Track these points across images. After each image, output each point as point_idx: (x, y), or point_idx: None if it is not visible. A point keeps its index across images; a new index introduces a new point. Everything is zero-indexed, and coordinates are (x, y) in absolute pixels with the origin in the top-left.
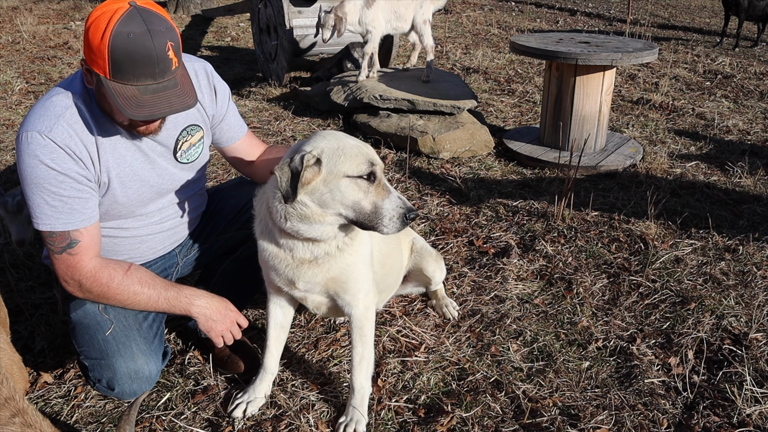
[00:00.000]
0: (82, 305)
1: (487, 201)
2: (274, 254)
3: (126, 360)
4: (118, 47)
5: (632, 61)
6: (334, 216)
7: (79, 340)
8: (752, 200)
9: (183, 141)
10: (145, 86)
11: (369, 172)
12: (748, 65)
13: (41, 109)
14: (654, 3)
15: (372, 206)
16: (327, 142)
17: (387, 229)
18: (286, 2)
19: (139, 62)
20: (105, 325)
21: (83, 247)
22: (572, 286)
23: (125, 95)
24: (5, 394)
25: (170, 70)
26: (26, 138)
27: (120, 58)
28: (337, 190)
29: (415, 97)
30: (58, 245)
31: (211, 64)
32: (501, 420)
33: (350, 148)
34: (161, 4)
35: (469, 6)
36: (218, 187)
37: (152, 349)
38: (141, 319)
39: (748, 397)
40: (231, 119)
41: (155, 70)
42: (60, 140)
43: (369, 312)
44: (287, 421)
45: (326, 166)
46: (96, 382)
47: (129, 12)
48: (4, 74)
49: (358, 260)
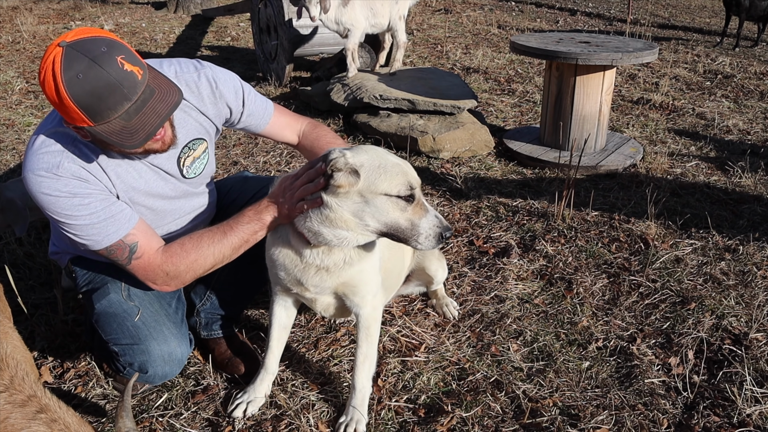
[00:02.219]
0: (106, 295)
1: (487, 201)
2: (283, 253)
3: (160, 343)
4: (78, 94)
5: (632, 60)
6: (362, 226)
7: (107, 329)
8: (752, 200)
9: (185, 157)
10: (126, 112)
11: (408, 194)
12: (748, 65)
13: (39, 148)
14: (654, 3)
15: (409, 223)
16: (368, 156)
17: (421, 246)
18: (286, 2)
19: (105, 95)
20: (132, 311)
21: (144, 246)
22: (572, 286)
23: (115, 131)
24: (28, 392)
25: (138, 83)
26: (35, 179)
27: (87, 103)
28: (373, 205)
29: (416, 97)
30: (123, 257)
31: (212, 65)
32: (501, 420)
33: (391, 167)
34: (161, 4)
35: (469, 6)
36: (224, 181)
37: (182, 333)
38: (166, 305)
39: (748, 397)
40: (252, 108)
41: (124, 92)
42: (70, 174)
43: (376, 312)
44: (287, 421)
45: (364, 180)
46: (127, 366)
47: (65, 54)
48: (4, 74)
49: (368, 266)
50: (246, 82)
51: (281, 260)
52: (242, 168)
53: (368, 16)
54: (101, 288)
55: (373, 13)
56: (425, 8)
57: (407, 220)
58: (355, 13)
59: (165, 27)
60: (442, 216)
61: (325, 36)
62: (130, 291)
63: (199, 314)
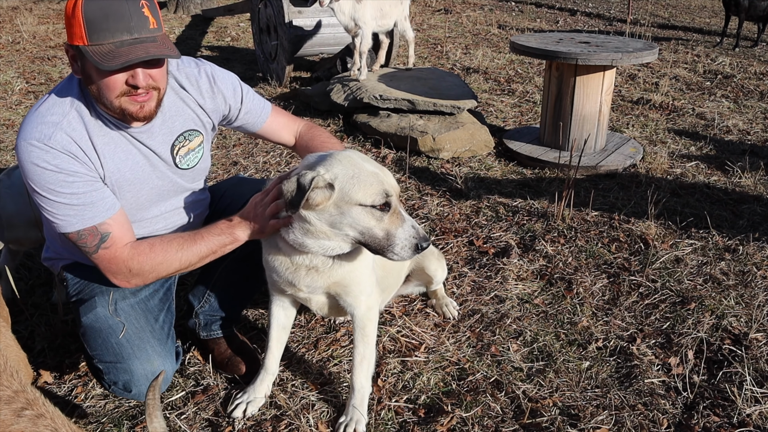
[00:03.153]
0: (93, 309)
1: (487, 201)
2: (274, 257)
3: (143, 362)
4: (90, 9)
5: (632, 61)
6: (341, 236)
7: (91, 344)
8: (752, 200)
9: (180, 146)
10: (121, 41)
11: (383, 203)
12: (748, 65)
13: (38, 116)
14: (654, 3)
15: (384, 233)
16: (342, 167)
17: (397, 256)
18: (286, 2)
19: (112, 17)
20: (117, 328)
21: (116, 238)
22: (572, 286)
23: (102, 53)
24: (15, 387)
25: (147, 28)
26: (26, 147)
27: (93, 18)
28: (349, 216)
29: (415, 97)
30: (91, 244)
31: (212, 64)
32: (501, 420)
33: (366, 176)
34: (161, 4)
35: (469, 6)
36: (218, 185)
37: (167, 350)
38: (152, 321)
39: (748, 397)
40: (250, 106)
41: (130, 24)
42: (60, 147)
43: (371, 312)
44: (287, 421)
45: (338, 192)
46: (112, 384)
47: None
48: (4, 74)
49: (360, 266)
50: (244, 83)
51: (273, 264)
52: (242, 168)
53: (376, 16)
54: (89, 300)
55: (382, 14)
56: (425, 8)
57: (383, 230)
58: (366, 12)
59: (165, 27)
60: (419, 226)
61: (325, 36)
62: (117, 305)
63: (198, 315)
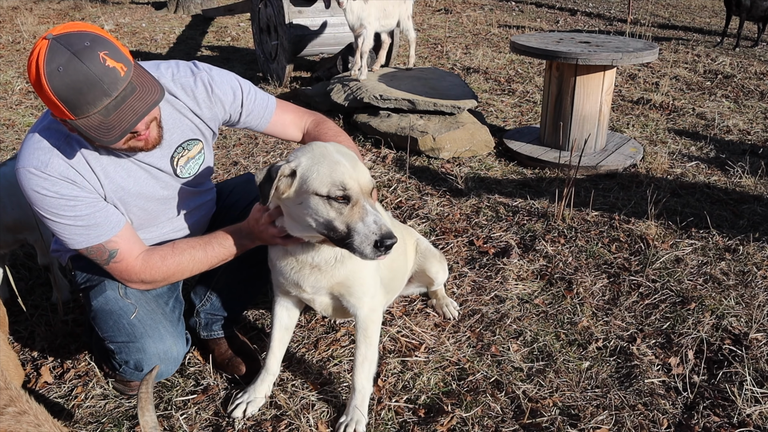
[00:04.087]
0: (103, 292)
1: (487, 201)
2: (280, 256)
3: (155, 341)
4: (58, 87)
5: (632, 60)
6: (306, 227)
7: (103, 326)
8: (752, 200)
9: (179, 156)
10: (105, 108)
11: (340, 195)
12: (748, 65)
13: (34, 141)
14: (654, 3)
15: (344, 226)
16: (308, 156)
17: (357, 252)
18: (287, 2)
19: (84, 89)
20: (128, 309)
21: (124, 252)
22: (572, 286)
23: (94, 126)
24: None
25: (120, 79)
26: (25, 174)
27: (67, 96)
28: (307, 205)
29: (416, 97)
30: (100, 258)
31: (210, 66)
32: (501, 420)
33: (326, 167)
34: (161, 4)
35: (469, 6)
36: (228, 182)
37: (178, 332)
38: (163, 304)
39: (748, 397)
40: (252, 107)
41: (104, 87)
42: (58, 174)
43: (374, 314)
44: (287, 421)
45: (298, 180)
46: (122, 364)
47: (49, 47)
48: (5, 74)
49: (363, 266)
50: (246, 80)
51: (279, 264)
52: (242, 168)
53: (380, 16)
54: (98, 285)
55: (385, 14)
56: (425, 8)
57: (343, 223)
58: (371, 12)
59: (165, 27)
60: (386, 223)
61: (325, 36)
62: (127, 289)
63: (199, 315)
